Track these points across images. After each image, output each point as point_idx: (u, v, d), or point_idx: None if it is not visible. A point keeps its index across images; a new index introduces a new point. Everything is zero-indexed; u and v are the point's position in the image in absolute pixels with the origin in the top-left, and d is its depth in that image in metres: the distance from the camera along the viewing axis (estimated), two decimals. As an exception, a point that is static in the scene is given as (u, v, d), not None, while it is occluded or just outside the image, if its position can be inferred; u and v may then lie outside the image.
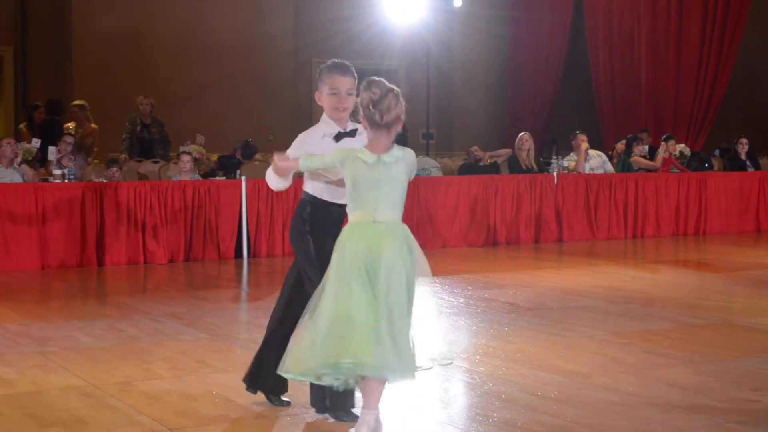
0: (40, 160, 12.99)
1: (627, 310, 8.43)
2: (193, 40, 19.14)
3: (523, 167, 14.51)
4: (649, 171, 15.18)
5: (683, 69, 18.70)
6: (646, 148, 15.99)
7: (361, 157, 4.63)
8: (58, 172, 12.12)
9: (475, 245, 13.28)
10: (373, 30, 20.11)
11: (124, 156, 14.74)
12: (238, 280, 11.02)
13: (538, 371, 6.15)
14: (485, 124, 21.72)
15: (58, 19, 18.87)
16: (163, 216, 11.79)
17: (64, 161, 12.62)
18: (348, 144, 5.10)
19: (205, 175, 13.14)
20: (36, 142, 12.87)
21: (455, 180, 13.90)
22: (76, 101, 16.01)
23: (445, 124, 21.89)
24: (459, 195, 13.31)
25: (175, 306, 8.78)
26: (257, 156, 15.28)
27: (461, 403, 5.57)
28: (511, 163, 14.78)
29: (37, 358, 6.62)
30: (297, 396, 5.45)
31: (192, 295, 9.59)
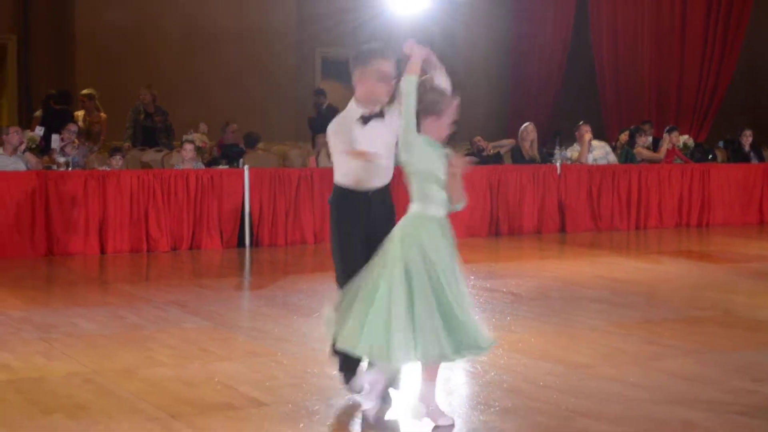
0: (44, 149, 12.96)
1: (629, 301, 8.41)
2: (196, 31, 19.12)
3: (526, 158, 14.48)
4: (652, 162, 15.16)
5: (687, 61, 18.65)
6: (650, 139, 15.96)
7: None
8: (61, 160, 12.12)
9: (478, 235, 13.25)
10: (377, 21, 20.06)
11: (127, 145, 14.71)
12: (241, 269, 11.01)
13: (539, 361, 6.13)
14: (488, 114, 21.66)
15: (61, 9, 18.84)
16: (166, 204, 11.77)
17: (68, 149, 12.60)
18: (375, 126, 5.11)
19: (208, 164, 13.12)
20: (39, 130, 12.83)
21: (458, 170, 13.83)
22: (85, 90, 15.99)
23: (449, 115, 21.84)
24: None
25: (178, 294, 8.76)
26: (260, 145, 15.26)
27: (463, 392, 5.55)
28: (515, 154, 14.74)
29: (39, 345, 6.61)
30: (298, 385, 5.42)
31: (195, 283, 9.58)
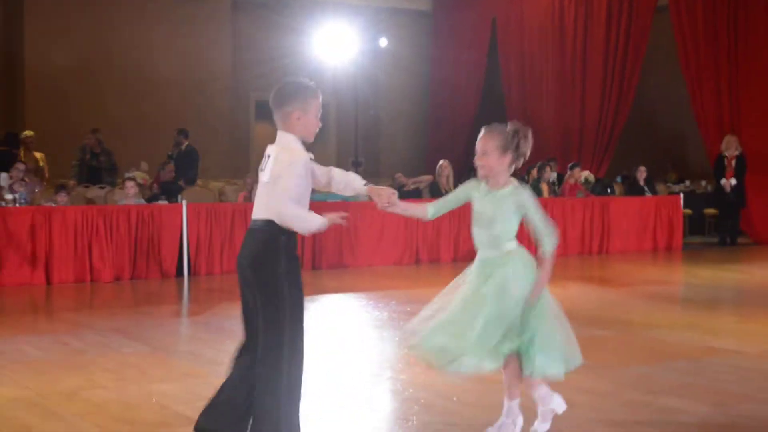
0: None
1: (536, 322, 8.45)
2: (139, 74, 19.04)
3: (443, 192, 14.57)
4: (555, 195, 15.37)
5: (587, 103, 18.98)
6: (554, 174, 16.18)
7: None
8: (9, 197, 11.93)
9: (399, 264, 13.30)
10: (306, 68, 20.13)
11: (72, 182, 14.55)
12: (179, 297, 10.90)
13: (456, 378, 6.14)
14: (409, 153, 21.84)
15: (10, 52, 18.62)
16: (109, 237, 11.64)
17: (16, 187, 12.41)
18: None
19: (148, 200, 13.02)
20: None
21: (381, 204, 13.89)
22: (28, 132, 15.84)
23: (373, 153, 21.99)
24: (385, 218, 13.29)
25: (119, 321, 8.65)
26: (198, 182, 15.19)
27: (385, 408, 5.56)
28: (432, 189, 14.85)
29: (-14, 371, 6.48)
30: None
31: (135, 311, 9.46)
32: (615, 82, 18.59)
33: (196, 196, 13.52)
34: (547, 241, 4.68)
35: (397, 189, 15.01)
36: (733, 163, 16.36)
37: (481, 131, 4.90)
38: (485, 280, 4.74)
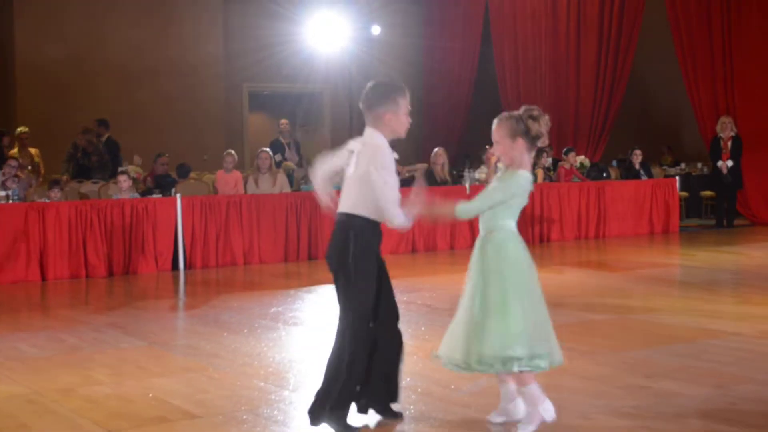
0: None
1: (534, 308, 8.46)
2: (131, 65, 18.99)
3: (438, 180, 14.57)
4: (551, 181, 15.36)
5: (582, 88, 18.95)
6: (550, 160, 16.17)
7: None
8: (2, 193, 11.91)
9: (396, 252, 13.30)
10: (299, 57, 20.11)
11: (65, 177, 14.52)
12: (175, 291, 10.89)
13: (452, 366, 6.15)
14: (403, 141, 21.69)
15: (1, 48, 18.57)
16: (103, 232, 11.63)
17: (9, 183, 12.39)
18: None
19: (142, 194, 13.00)
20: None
21: (376, 193, 13.88)
22: (22, 128, 15.80)
23: (367, 143, 21.93)
24: (380, 207, 13.29)
25: (116, 316, 8.65)
26: (191, 174, 15.16)
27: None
28: (427, 176, 14.82)
29: (-18, 369, 6.47)
30: (231, 397, 5.39)
31: (131, 306, 9.45)
32: (609, 67, 18.56)
33: (190, 189, 13.50)
34: (465, 203, 4.86)
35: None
36: (729, 144, 16.35)
37: (494, 122, 4.96)
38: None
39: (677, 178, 16.60)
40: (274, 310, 8.74)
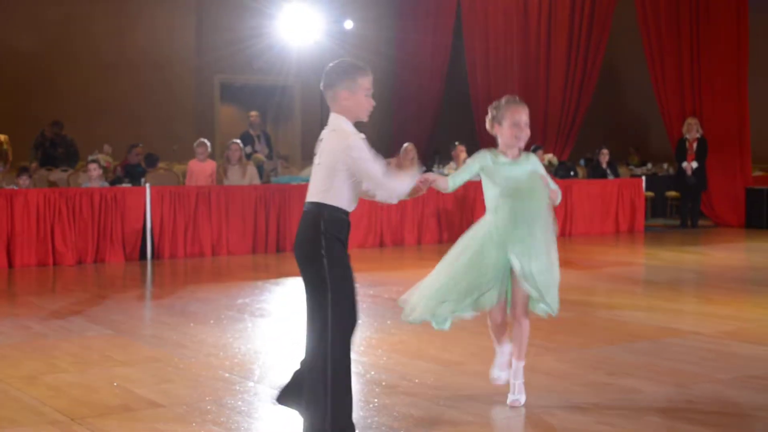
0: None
1: (499, 304, 8.49)
2: (103, 56, 18.86)
3: (408, 175, 14.55)
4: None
5: (551, 87, 19.03)
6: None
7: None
8: (-30, 179, 11.80)
9: (363, 246, 13.31)
10: (271, 50, 20.04)
11: (34, 165, 14.41)
12: (143, 280, 10.83)
13: (416, 360, 6.18)
14: (374, 136, 21.75)
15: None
16: (72, 221, 11.55)
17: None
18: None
19: (112, 183, 12.93)
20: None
21: (345, 187, 13.87)
22: None
23: (338, 136, 21.88)
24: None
25: (82, 305, 8.59)
26: (161, 165, 15.09)
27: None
28: (397, 171, 14.81)
29: (-54, 355, 6.41)
30: (198, 387, 5.37)
31: (98, 295, 9.39)
32: (578, 66, 18.65)
33: (160, 179, 13.44)
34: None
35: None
36: (695, 146, 16.49)
37: (514, 102, 5.16)
38: None
39: (643, 178, 16.71)
40: (240, 301, 8.72)
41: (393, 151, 18.94)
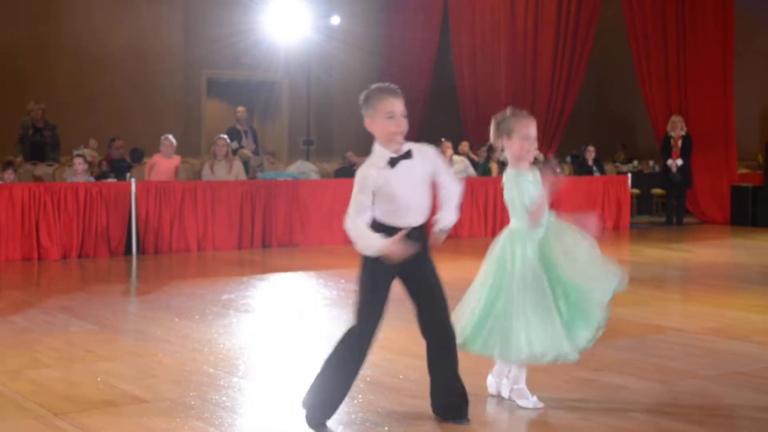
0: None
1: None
2: (90, 51, 18.76)
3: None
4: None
5: (538, 84, 19.02)
6: (504, 154, 16.21)
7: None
8: (-46, 174, 11.73)
9: (349, 243, 13.26)
10: (259, 45, 19.98)
11: (19, 159, 14.33)
12: (128, 275, 10.79)
13: (401, 356, 6.16)
14: (361, 131, 21.68)
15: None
16: (57, 215, 11.49)
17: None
18: (406, 167, 4.72)
19: (97, 177, 12.87)
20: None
21: (332, 183, 13.88)
22: None
23: (325, 132, 21.87)
24: (335, 196, 13.26)
25: (66, 300, 8.55)
26: (145, 159, 15.04)
27: (331, 386, 5.53)
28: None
29: (-72, 350, 6.36)
30: (182, 383, 5.34)
31: (83, 290, 9.35)
32: (565, 63, 18.64)
33: (144, 174, 13.38)
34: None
35: (348, 167, 14.99)
36: (680, 143, 16.52)
37: (523, 116, 5.10)
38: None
39: (629, 175, 16.73)
40: (226, 296, 8.69)
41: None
